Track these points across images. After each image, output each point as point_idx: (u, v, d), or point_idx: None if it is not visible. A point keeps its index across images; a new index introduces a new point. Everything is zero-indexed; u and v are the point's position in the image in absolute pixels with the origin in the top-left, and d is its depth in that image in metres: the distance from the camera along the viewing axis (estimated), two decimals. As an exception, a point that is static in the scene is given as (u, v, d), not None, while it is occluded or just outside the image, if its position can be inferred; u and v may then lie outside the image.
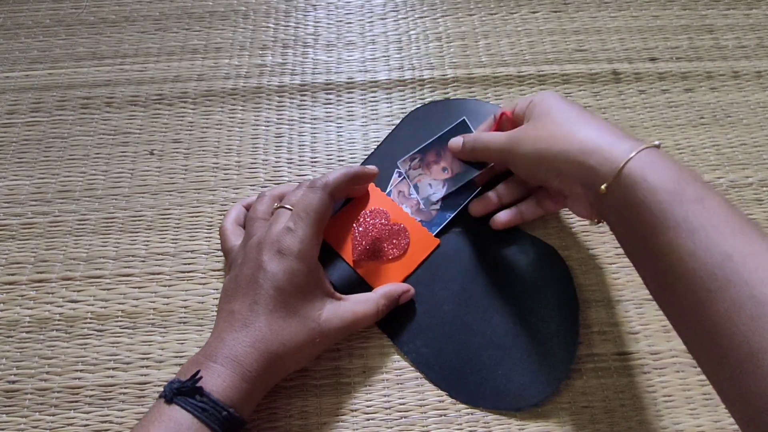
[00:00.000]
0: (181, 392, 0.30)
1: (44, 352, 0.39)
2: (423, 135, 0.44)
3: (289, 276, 0.33)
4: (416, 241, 0.40)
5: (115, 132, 0.48)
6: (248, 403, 0.32)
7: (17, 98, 0.50)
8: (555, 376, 0.37)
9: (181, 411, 0.29)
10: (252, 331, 0.32)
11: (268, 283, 0.33)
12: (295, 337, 0.33)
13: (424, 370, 0.37)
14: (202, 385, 0.30)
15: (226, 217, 0.40)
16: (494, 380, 0.37)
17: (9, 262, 0.42)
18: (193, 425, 0.29)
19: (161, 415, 0.29)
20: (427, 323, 0.39)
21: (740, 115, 0.49)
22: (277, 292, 0.33)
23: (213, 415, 0.29)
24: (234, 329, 0.32)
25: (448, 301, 0.39)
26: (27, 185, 0.46)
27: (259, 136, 0.48)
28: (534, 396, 0.36)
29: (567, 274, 0.40)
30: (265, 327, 0.32)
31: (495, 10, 0.56)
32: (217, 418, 0.29)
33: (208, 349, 0.32)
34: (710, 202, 0.27)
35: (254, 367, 0.31)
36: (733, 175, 0.46)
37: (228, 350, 0.31)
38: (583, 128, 0.32)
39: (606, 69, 0.51)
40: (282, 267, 0.33)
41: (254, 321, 0.32)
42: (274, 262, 0.33)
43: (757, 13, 0.55)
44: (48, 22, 0.55)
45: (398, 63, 0.52)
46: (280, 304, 0.33)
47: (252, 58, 0.52)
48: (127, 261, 0.42)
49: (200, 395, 0.29)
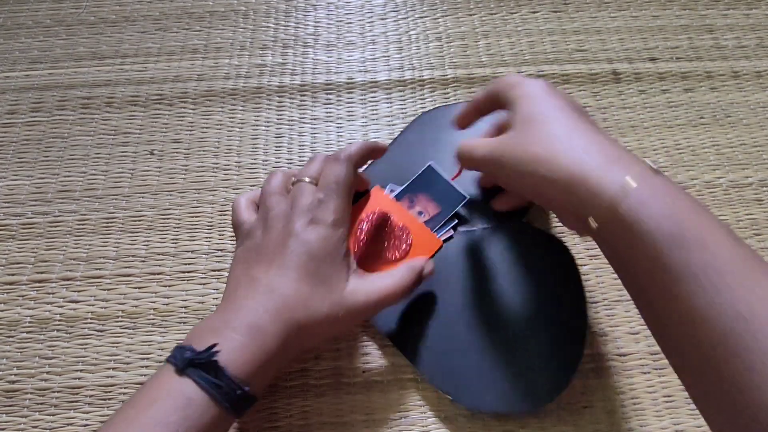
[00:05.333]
0: (194, 364, 0.27)
1: (44, 352, 0.39)
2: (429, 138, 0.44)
3: (323, 242, 0.32)
4: (419, 243, 0.40)
5: (115, 132, 0.48)
6: (263, 380, 0.30)
7: (17, 98, 0.50)
8: (565, 374, 0.36)
9: (193, 386, 0.27)
10: (277, 297, 0.30)
11: (301, 248, 0.31)
12: (320, 307, 0.31)
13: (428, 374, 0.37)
14: (218, 360, 0.27)
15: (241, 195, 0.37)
16: (502, 381, 0.36)
17: (9, 262, 0.42)
18: (204, 403, 0.27)
19: (170, 388, 0.27)
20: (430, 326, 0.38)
21: (740, 115, 0.49)
22: (309, 258, 0.31)
23: (227, 394, 0.27)
24: (258, 294, 0.30)
25: (452, 303, 0.39)
26: (27, 185, 0.46)
27: (259, 137, 0.48)
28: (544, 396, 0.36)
29: (573, 266, 0.39)
30: (293, 293, 0.30)
31: (495, 10, 0.56)
32: (231, 396, 0.27)
33: (225, 315, 0.30)
34: (715, 243, 0.24)
35: (277, 337, 0.29)
36: (733, 175, 0.46)
37: (251, 317, 0.29)
38: (571, 149, 0.29)
39: (606, 69, 0.52)
40: (316, 234, 0.32)
41: (281, 286, 0.30)
42: (307, 230, 0.32)
43: (757, 13, 0.55)
44: (48, 21, 0.55)
45: (398, 63, 0.52)
46: (311, 272, 0.31)
47: (252, 58, 0.52)
48: (127, 261, 0.42)
49: (215, 369, 0.27)
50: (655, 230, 0.25)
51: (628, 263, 0.27)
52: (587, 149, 0.28)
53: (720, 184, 0.46)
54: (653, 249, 0.25)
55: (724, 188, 0.45)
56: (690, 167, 0.46)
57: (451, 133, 0.42)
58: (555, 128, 0.30)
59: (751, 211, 0.44)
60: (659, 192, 0.26)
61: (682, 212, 0.25)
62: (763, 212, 0.44)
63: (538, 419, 0.36)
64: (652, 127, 0.48)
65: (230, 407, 0.27)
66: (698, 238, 0.24)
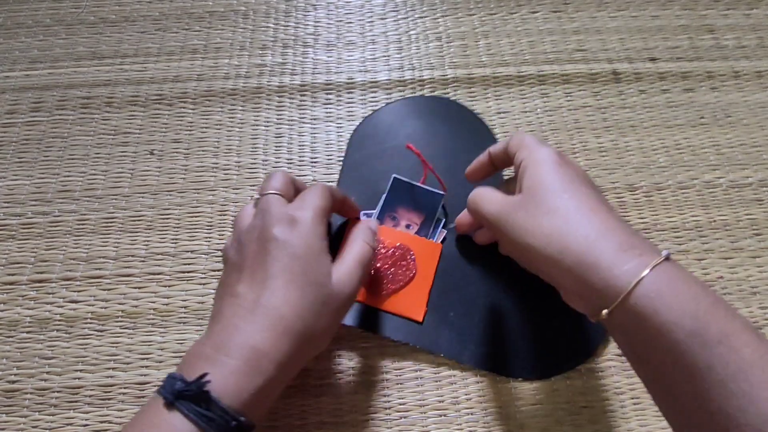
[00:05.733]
0: (183, 396, 0.26)
1: (44, 352, 0.39)
2: (373, 151, 0.45)
3: (305, 240, 0.30)
4: (421, 253, 0.40)
5: (115, 132, 0.48)
6: (263, 403, 0.28)
7: (17, 98, 0.50)
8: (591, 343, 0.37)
9: (183, 420, 0.25)
10: (268, 311, 0.28)
11: (282, 251, 0.29)
12: (313, 308, 0.29)
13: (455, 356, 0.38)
14: (209, 390, 0.26)
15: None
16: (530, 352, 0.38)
17: (9, 262, 0.42)
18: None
19: (159, 422, 0.26)
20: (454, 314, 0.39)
21: (740, 115, 0.49)
22: (292, 259, 0.29)
23: (220, 426, 0.25)
24: (246, 312, 0.28)
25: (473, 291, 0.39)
26: (27, 185, 0.46)
27: (259, 136, 0.48)
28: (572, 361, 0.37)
29: None
30: (282, 303, 0.28)
31: (495, 10, 0.56)
32: (225, 428, 0.25)
33: (216, 339, 0.28)
34: (737, 340, 0.23)
35: (274, 356, 0.27)
36: (732, 175, 0.46)
37: (243, 338, 0.27)
38: (580, 229, 0.27)
39: (606, 69, 0.51)
40: (297, 233, 0.30)
41: (269, 298, 0.28)
42: (286, 231, 0.30)
43: (757, 13, 0.55)
44: (48, 21, 0.55)
45: (398, 63, 0.52)
46: (297, 273, 0.29)
47: (252, 58, 0.52)
48: (127, 261, 0.42)
49: (207, 401, 0.25)
50: (674, 324, 0.24)
51: (646, 356, 0.25)
52: (600, 232, 0.27)
53: (720, 184, 0.46)
54: (675, 345, 0.24)
55: (724, 188, 0.45)
56: (690, 167, 0.46)
57: (392, 137, 0.44)
58: (565, 203, 0.28)
59: (751, 211, 0.44)
60: (675, 283, 0.25)
61: (700, 305, 0.24)
62: (763, 212, 0.44)
63: (537, 418, 0.36)
64: (652, 127, 0.48)
65: None
66: (720, 334, 0.23)
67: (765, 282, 0.41)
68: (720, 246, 0.43)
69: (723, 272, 0.42)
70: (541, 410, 0.36)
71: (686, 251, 0.43)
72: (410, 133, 0.46)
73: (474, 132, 0.47)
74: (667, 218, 0.44)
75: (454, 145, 0.46)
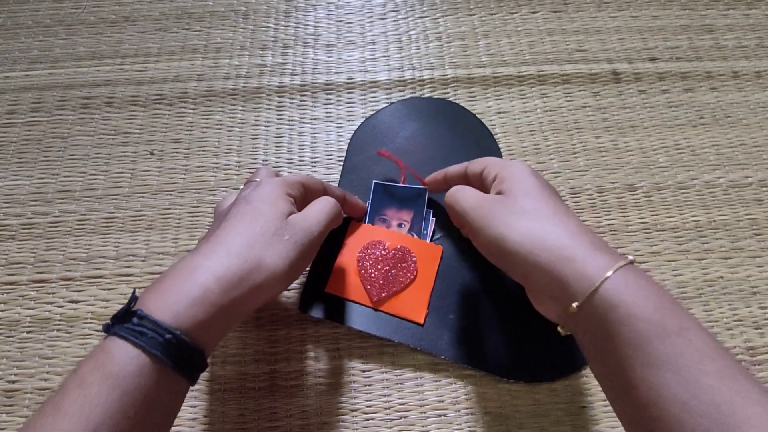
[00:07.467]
0: (117, 320, 0.25)
1: (44, 352, 0.39)
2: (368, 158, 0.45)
3: (260, 193, 0.32)
4: (422, 256, 0.40)
5: (115, 132, 0.48)
6: (207, 327, 0.26)
7: (17, 98, 0.50)
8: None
9: (115, 340, 0.24)
10: (212, 240, 0.29)
11: (242, 202, 0.31)
12: (262, 238, 0.29)
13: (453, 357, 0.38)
14: (140, 307, 0.25)
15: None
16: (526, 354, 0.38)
17: (9, 262, 0.42)
18: (126, 354, 0.24)
19: (94, 351, 0.25)
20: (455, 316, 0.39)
21: (740, 115, 0.49)
22: (247, 205, 0.31)
23: (153, 339, 0.24)
24: (196, 249, 0.29)
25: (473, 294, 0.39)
26: (27, 185, 0.46)
27: (259, 136, 0.48)
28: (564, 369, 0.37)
29: None
30: (229, 232, 0.29)
31: (495, 10, 0.56)
32: (158, 342, 0.24)
33: (162, 276, 0.28)
34: (692, 334, 0.25)
35: (212, 271, 0.27)
36: (733, 175, 0.46)
37: (181, 264, 0.27)
38: (556, 228, 0.29)
39: (606, 69, 0.51)
40: (257, 190, 0.32)
41: (217, 233, 0.29)
42: (249, 190, 0.32)
43: (757, 13, 0.55)
44: (48, 21, 0.55)
45: (398, 63, 0.52)
46: (248, 213, 0.30)
47: (252, 58, 0.52)
48: (127, 261, 0.42)
49: (138, 317, 0.24)
50: (638, 314, 0.25)
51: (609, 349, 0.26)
52: (574, 233, 0.29)
53: (720, 184, 0.46)
54: (636, 335, 0.25)
55: (724, 188, 0.45)
56: (690, 167, 0.46)
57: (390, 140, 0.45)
58: (542, 205, 0.30)
59: (751, 211, 0.44)
60: (641, 279, 0.27)
61: (662, 301, 0.26)
62: (763, 212, 0.44)
63: (536, 418, 0.36)
64: (652, 127, 0.48)
65: (163, 356, 0.24)
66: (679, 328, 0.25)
67: (765, 282, 0.41)
68: (720, 246, 0.43)
69: (723, 272, 0.42)
70: (541, 410, 0.36)
71: (686, 251, 0.43)
72: (409, 135, 0.46)
73: (473, 133, 0.47)
74: (667, 218, 0.44)
75: (453, 145, 0.46)
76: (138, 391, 0.23)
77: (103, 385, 0.23)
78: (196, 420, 0.36)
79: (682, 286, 0.41)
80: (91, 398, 0.23)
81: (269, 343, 0.39)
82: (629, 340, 0.25)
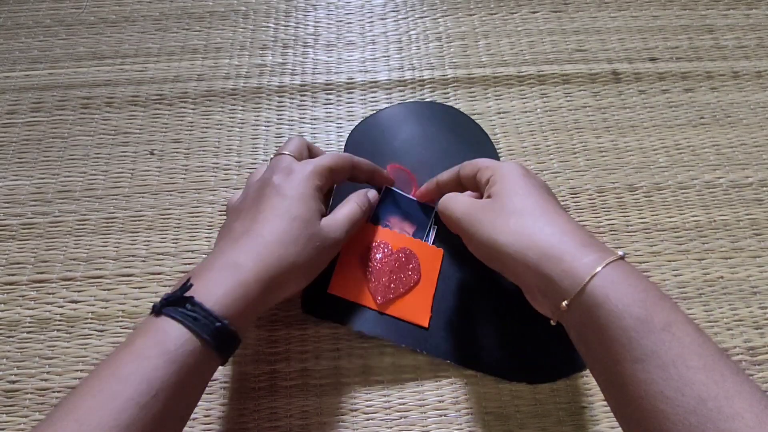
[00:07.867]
0: (170, 302, 0.28)
1: (45, 352, 0.39)
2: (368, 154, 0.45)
3: (296, 185, 0.33)
4: (425, 258, 0.40)
5: (115, 132, 0.48)
6: (244, 318, 0.29)
7: (17, 98, 0.50)
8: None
9: (170, 321, 0.27)
10: (252, 238, 0.31)
11: (275, 193, 0.32)
12: (297, 240, 0.31)
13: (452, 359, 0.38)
14: (193, 295, 0.28)
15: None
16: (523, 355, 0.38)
17: (9, 262, 0.42)
18: (182, 335, 0.27)
19: (148, 328, 0.27)
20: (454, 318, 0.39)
21: (740, 115, 0.49)
22: (282, 200, 0.32)
23: (205, 326, 0.27)
24: (233, 239, 0.31)
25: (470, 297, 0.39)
26: (27, 185, 0.46)
27: (259, 136, 0.48)
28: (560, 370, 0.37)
29: None
30: (268, 232, 0.31)
31: (495, 10, 0.56)
32: (210, 328, 0.27)
33: (203, 263, 0.31)
34: (679, 329, 0.25)
35: (254, 270, 0.30)
36: (733, 175, 0.46)
37: (225, 258, 0.30)
38: (545, 227, 0.30)
39: (606, 69, 0.52)
40: (290, 179, 0.33)
41: (255, 227, 0.31)
42: (282, 178, 0.33)
43: (757, 13, 0.55)
44: (48, 21, 0.55)
45: (398, 63, 0.52)
46: (285, 212, 0.32)
47: (252, 58, 0.52)
48: (127, 261, 0.42)
49: (191, 304, 0.27)
50: (624, 310, 0.25)
51: (598, 345, 0.27)
52: (563, 231, 0.29)
53: (720, 184, 0.46)
54: (622, 329, 0.25)
55: (724, 188, 0.45)
56: (690, 167, 0.46)
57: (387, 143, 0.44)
58: (531, 205, 0.31)
59: (751, 211, 0.44)
60: (629, 275, 0.27)
61: (649, 296, 0.26)
62: (763, 212, 0.44)
63: (537, 418, 0.36)
64: (652, 127, 0.48)
65: (211, 340, 0.27)
66: (665, 323, 0.25)
67: (765, 282, 0.41)
68: (720, 246, 0.43)
69: (723, 272, 0.42)
70: (542, 410, 0.36)
71: (686, 251, 0.43)
72: (406, 138, 0.46)
73: (471, 136, 0.47)
74: (667, 218, 0.44)
75: (450, 148, 0.45)
76: (188, 367, 0.27)
77: (160, 359, 0.26)
78: (197, 420, 0.36)
79: (682, 286, 0.41)
80: (150, 370, 0.26)
81: (269, 343, 0.39)
82: (616, 336, 0.26)
